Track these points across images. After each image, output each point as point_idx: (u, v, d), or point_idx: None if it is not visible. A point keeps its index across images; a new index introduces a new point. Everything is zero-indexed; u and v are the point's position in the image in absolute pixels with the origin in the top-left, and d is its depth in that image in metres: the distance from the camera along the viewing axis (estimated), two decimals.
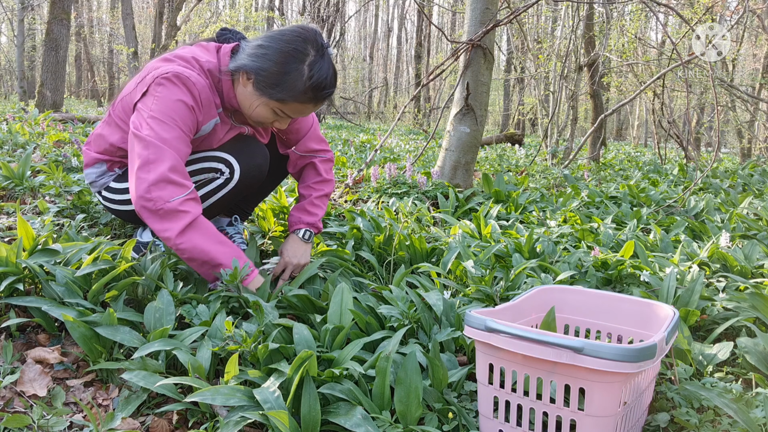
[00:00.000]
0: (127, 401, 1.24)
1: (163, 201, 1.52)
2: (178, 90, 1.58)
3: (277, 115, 1.68)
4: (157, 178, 1.52)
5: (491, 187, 3.50)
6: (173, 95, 1.58)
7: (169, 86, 1.58)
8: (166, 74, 1.58)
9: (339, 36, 17.26)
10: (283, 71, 1.59)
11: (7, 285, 1.46)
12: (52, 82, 8.14)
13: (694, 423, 1.20)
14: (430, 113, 16.75)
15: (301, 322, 1.48)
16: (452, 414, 1.23)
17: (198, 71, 1.65)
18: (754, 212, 3.22)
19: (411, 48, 26.91)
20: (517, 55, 11.00)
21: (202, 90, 1.63)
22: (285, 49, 1.59)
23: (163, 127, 1.56)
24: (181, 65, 1.64)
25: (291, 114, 1.68)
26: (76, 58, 23.11)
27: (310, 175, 2.03)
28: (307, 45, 1.60)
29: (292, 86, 1.60)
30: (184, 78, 1.59)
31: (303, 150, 1.99)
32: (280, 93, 1.61)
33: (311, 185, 2.02)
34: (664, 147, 8.61)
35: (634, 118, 20.32)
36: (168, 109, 1.57)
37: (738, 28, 8.03)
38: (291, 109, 1.66)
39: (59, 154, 3.36)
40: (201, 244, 1.56)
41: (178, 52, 1.70)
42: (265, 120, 1.70)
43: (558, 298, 1.48)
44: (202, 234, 1.57)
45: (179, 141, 1.58)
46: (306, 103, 1.64)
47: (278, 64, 1.58)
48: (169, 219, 1.54)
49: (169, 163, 1.54)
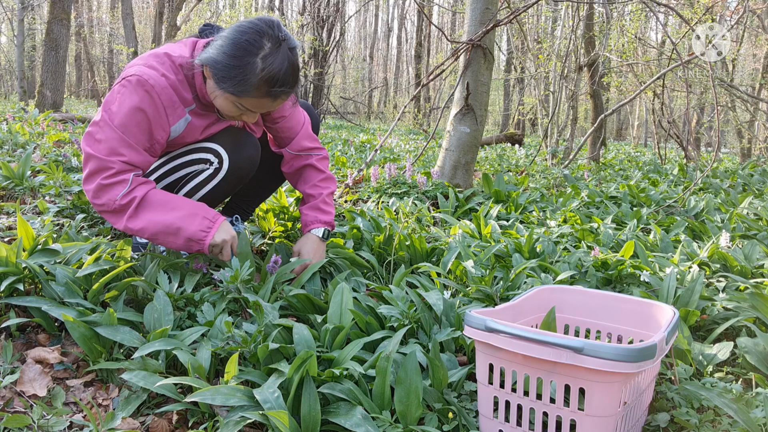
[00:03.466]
0: (127, 401, 1.24)
1: (112, 202, 1.58)
2: (135, 96, 1.58)
3: (239, 109, 1.65)
4: (97, 188, 1.58)
5: (491, 187, 3.50)
6: (130, 101, 1.58)
7: (129, 91, 1.58)
8: (130, 77, 1.59)
9: (339, 36, 17.26)
10: (236, 64, 1.55)
11: (7, 285, 1.46)
12: (52, 82, 8.14)
13: (694, 423, 1.20)
14: (430, 113, 16.75)
15: (301, 322, 1.48)
16: (452, 414, 1.23)
17: (167, 68, 1.64)
18: (754, 212, 3.22)
19: (411, 48, 26.90)
20: (517, 55, 11.00)
21: (162, 91, 1.61)
22: (239, 41, 1.56)
23: (115, 136, 1.57)
24: (148, 63, 1.63)
25: (251, 108, 1.64)
26: (76, 58, 23.11)
27: (313, 174, 2.01)
28: (262, 38, 1.55)
29: (243, 80, 1.56)
30: (143, 81, 1.58)
31: (297, 149, 1.97)
32: (233, 86, 1.57)
33: (317, 184, 2.00)
34: (664, 147, 8.61)
35: (634, 118, 20.33)
36: (125, 118, 1.58)
37: (738, 28, 8.03)
38: (248, 104, 1.62)
39: (59, 154, 3.36)
40: (152, 218, 1.60)
41: (158, 48, 1.71)
42: (230, 113, 1.68)
43: (558, 298, 1.48)
44: (151, 208, 1.60)
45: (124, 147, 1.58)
46: (261, 98, 1.60)
47: (231, 57, 1.55)
48: (120, 212, 1.60)
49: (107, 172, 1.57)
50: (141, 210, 1.60)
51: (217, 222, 1.63)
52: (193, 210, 1.62)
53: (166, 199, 1.63)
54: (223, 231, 1.63)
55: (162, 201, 1.61)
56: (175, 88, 1.64)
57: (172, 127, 1.68)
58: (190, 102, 1.70)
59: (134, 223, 1.59)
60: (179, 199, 1.65)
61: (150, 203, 1.60)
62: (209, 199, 1.82)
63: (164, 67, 1.63)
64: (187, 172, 1.79)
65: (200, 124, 1.75)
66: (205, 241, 1.61)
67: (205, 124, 1.77)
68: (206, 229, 1.61)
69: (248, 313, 1.60)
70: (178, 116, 1.68)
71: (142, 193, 1.59)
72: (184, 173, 1.79)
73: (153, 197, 1.61)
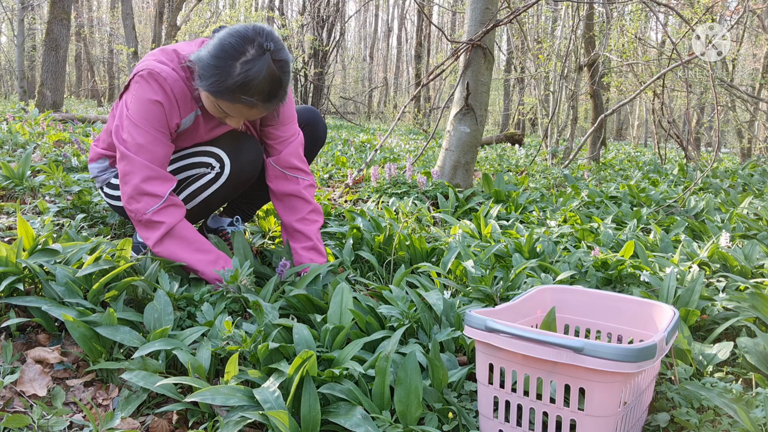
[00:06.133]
0: (127, 401, 1.24)
1: (140, 213, 1.65)
2: (149, 88, 1.62)
3: (219, 110, 1.65)
4: (132, 191, 1.64)
5: (491, 187, 3.50)
6: (146, 94, 1.63)
7: (143, 84, 1.63)
8: (141, 71, 1.63)
9: (339, 36, 17.26)
10: (216, 64, 1.55)
11: (7, 285, 1.46)
12: (52, 82, 8.13)
13: (694, 423, 1.20)
14: (430, 113, 16.74)
15: (301, 322, 1.48)
16: (452, 414, 1.23)
17: (175, 64, 1.67)
18: (754, 212, 3.22)
19: (411, 48, 26.89)
20: (517, 55, 11.00)
21: (174, 84, 1.64)
22: (224, 43, 1.55)
23: (138, 131, 1.64)
24: (158, 59, 1.67)
25: (227, 111, 1.63)
26: (76, 58, 23.10)
27: (300, 205, 1.91)
28: (246, 44, 1.54)
29: (220, 81, 1.55)
30: (155, 74, 1.62)
31: (284, 165, 1.88)
32: (208, 85, 1.57)
33: (306, 217, 1.91)
34: (664, 147, 8.61)
35: (634, 118, 20.32)
36: (142, 110, 1.63)
37: (738, 28, 8.03)
38: (224, 107, 1.61)
39: (59, 154, 3.36)
40: (177, 253, 1.67)
41: (169, 46, 1.75)
42: (215, 113, 1.68)
43: (558, 298, 1.48)
44: (179, 243, 1.67)
45: (154, 144, 1.65)
46: (235, 102, 1.57)
47: (214, 57, 1.56)
48: (147, 228, 1.67)
49: (142, 174, 1.63)
50: (168, 239, 1.67)
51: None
52: (216, 257, 1.69)
53: (194, 237, 1.70)
54: None
55: (190, 239, 1.69)
56: (185, 82, 1.67)
57: (183, 120, 1.71)
58: (198, 99, 1.71)
59: (157, 249, 1.68)
60: (205, 240, 1.72)
61: (178, 235, 1.68)
62: (210, 202, 1.82)
63: (173, 63, 1.67)
64: (188, 176, 1.79)
65: (207, 122, 1.77)
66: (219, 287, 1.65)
67: (212, 124, 1.79)
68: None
69: (248, 313, 1.60)
70: (190, 109, 1.71)
71: (173, 221, 1.66)
72: (184, 176, 1.79)
73: (180, 231, 1.68)
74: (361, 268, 2.11)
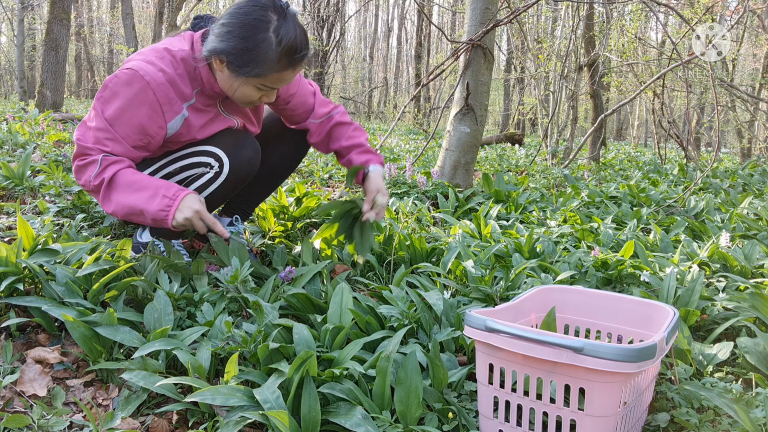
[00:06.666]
0: (127, 401, 1.24)
1: (87, 183, 1.63)
2: (129, 91, 1.58)
3: (261, 91, 1.66)
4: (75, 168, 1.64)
5: (491, 187, 3.50)
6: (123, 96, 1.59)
7: (123, 85, 1.58)
8: (125, 70, 1.59)
9: (339, 36, 17.26)
10: (251, 46, 1.54)
11: (7, 285, 1.46)
12: (52, 81, 8.13)
13: (694, 423, 1.20)
14: (430, 113, 16.74)
15: (301, 322, 1.48)
16: (452, 414, 1.23)
17: (166, 63, 1.63)
18: (754, 212, 3.22)
19: (411, 48, 26.89)
20: (517, 55, 11.00)
21: (158, 88, 1.60)
22: (246, 21, 1.54)
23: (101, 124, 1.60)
24: (147, 59, 1.62)
25: (273, 85, 1.65)
26: (76, 58, 23.10)
27: (342, 129, 2.01)
28: (266, 11, 1.54)
29: (264, 58, 1.55)
30: (139, 77, 1.58)
31: (320, 117, 1.98)
32: (255, 68, 1.57)
33: (351, 135, 2.01)
34: (664, 147, 8.61)
35: (634, 118, 20.32)
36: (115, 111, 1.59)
37: (738, 28, 8.03)
38: (272, 81, 1.62)
39: (59, 154, 3.36)
40: (120, 200, 1.61)
41: (157, 44, 1.71)
42: (251, 99, 1.68)
43: (558, 298, 1.48)
44: (119, 190, 1.61)
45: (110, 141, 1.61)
46: (283, 70, 1.59)
47: (244, 39, 1.54)
48: (97, 193, 1.64)
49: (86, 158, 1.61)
50: (110, 191, 1.61)
51: (176, 200, 1.59)
52: (155, 190, 1.60)
53: (134, 179, 1.61)
54: (185, 208, 1.59)
55: (129, 182, 1.61)
56: (173, 84, 1.64)
57: (169, 124, 1.67)
58: (190, 97, 1.69)
59: (107, 206, 1.63)
60: (146, 179, 1.63)
61: (117, 184, 1.61)
62: (209, 202, 1.82)
63: (163, 62, 1.63)
64: (187, 176, 1.78)
65: (198, 121, 1.74)
66: (167, 221, 1.59)
67: (204, 121, 1.75)
68: (166, 208, 1.58)
69: (248, 313, 1.60)
70: (175, 113, 1.67)
71: (111, 174, 1.60)
72: (183, 176, 1.78)
73: (121, 178, 1.61)
74: (361, 268, 2.11)
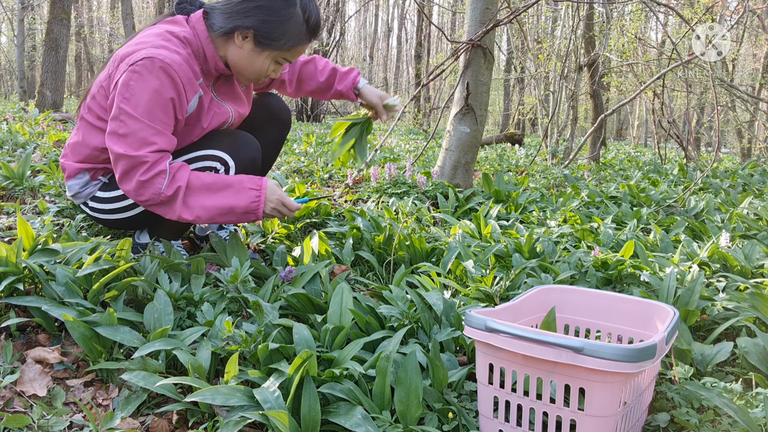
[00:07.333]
0: (127, 401, 1.24)
1: (157, 195, 1.57)
2: (155, 80, 1.54)
3: (278, 64, 1.72)
4: (137, 186, 1.56)
5: (491, 187, 3.50)
6: (150, 86, 1.54)
7: (145, 77, 1.53)
8: (140, 61, 1.53)
9: (339, 36, 17.26)
10: (283, 19, 1.62)
11: (7, 285, 1.46)
12: (52, 82, 8.13)
13: (694, 423, 1.20)
14: (430, 113, 16.74)
15: (301, 322, 1.48)
16: (452, 414, 1.23)
17: (175, 44, 1.62)
18: (754, 212, 3.22)
19: (411, 48, 26.88)
20: (517, 55, 11.00)
21: (179, 69, 1.58)
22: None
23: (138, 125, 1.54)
24: (156, 44, 1.59)
25: (292, 58, 1.74)
26: (76, 58, 23.10)
27: (310, 67, 2.12)
28: None
29: (293, 32, 1.65)
30: (161, 62, 1.54)
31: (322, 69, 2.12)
32: (285, 42, 1.65)
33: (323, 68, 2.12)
34: (664, 147, 8.61)
35: (634, 118, 20.32)
36: (147, 104, 1.54)
37: (738, 28, 8.03)
38: (293, 54, 1.72)
39: (59, 154, 3.35)
40: (204, 204, 1.60)
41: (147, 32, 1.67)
42: (266, 73, 1.73)
43: (558, 298, 1.48)
44: (199, 194, 1.61)
45: (156, 135, 1.56)
46: (305, 43, 1.71)
47: (275, 12, 1.60)
48: (170, 203, 1.60)
49: (142, 168, 1.55)
50: (189, 198, 1.60)
51: (262, 190, 1.64)
52: (238, 184, 1.64)
53: (208, 180, 1.63)
54: (271, 193, 1.66)
55: (206, 184, 1.62)
56: (188, 63, 1.64)
57: (189, 104, 1.68)
58: (199, 76, 1.69)
59: (185, 213, 1.61)
60: (218, 177, 1.65)
61: (195, 189, 1.60)
62: None
63: (173, 44, 1.62)
64: None
65: (205, 101, 1.75)
66: (258, 212, 1.64)
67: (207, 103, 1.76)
68: (256, 199, 1.63)
69: (248, 313, 1.60)
70: (194, 91, 1.68)
71: (185, 181, 1.59)
72: None
73: (195, 182, 1.61)
74: (361, 268, 2.11)
